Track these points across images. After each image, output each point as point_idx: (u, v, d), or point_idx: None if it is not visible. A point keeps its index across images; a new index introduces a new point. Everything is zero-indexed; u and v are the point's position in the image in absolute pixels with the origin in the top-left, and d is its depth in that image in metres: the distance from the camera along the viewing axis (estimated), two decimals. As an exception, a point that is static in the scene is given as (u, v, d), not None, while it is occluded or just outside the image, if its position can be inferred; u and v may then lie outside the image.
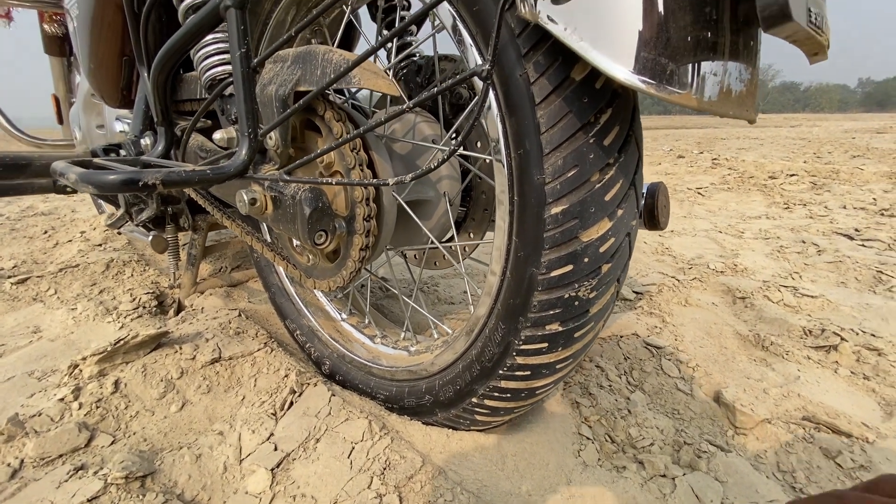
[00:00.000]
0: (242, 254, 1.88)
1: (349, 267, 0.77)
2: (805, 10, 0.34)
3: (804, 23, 0.34)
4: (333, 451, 0.77)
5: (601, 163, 0.53)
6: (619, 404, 0.89)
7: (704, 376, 1.00)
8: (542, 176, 0.53)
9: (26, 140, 1.78)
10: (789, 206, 2.78)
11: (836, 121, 15.88)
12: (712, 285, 1.54)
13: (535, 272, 0.57)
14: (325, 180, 0.57)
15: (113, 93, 1.05)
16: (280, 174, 0.60)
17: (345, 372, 1.01)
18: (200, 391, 1.00)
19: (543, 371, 0.65)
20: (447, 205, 0.88)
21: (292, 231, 0.70)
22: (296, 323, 1.14)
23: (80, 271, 1.71)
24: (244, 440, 0.85)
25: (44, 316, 1.42)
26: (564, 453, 0.78)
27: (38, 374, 1.10)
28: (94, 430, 0.89)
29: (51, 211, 3.18)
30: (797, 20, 0.33)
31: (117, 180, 0.52)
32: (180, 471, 0.79)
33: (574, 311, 0.59)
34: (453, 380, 0.75)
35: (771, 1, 0.33)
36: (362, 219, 0.71)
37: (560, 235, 0.55)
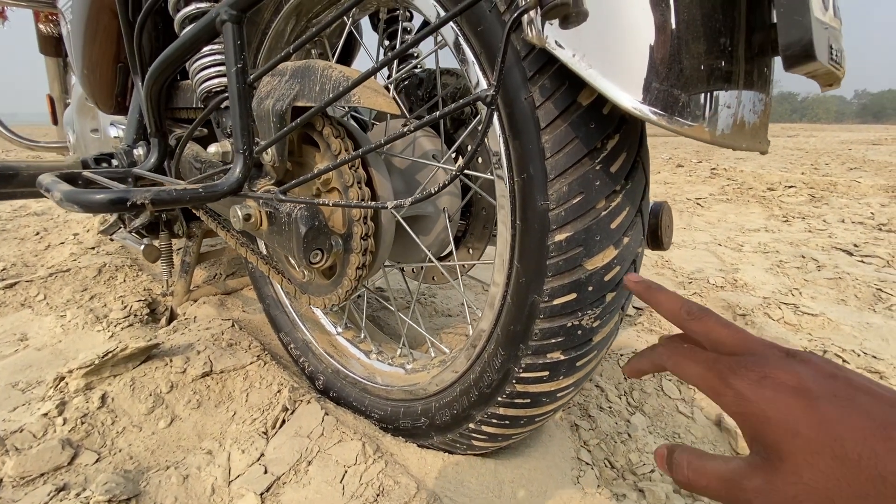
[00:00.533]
0: (237, 261, 1.85)
1: (345, 285, 0.75)
2: (827, 46, 0.33)
3: (826, 60, 0.32)
4: (325, 474, 0.75)
5: (607, 190, 0.51)
6: (619, 427, 0.88)
7: (705, 399, 0.98)
8: (545, 202, 0.52)
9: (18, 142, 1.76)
10: (788, 218, 2.78)
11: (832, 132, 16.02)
12: (712, 301, 1.52)
13: (538, 299, 0.56)
14: (322, 201, 0.55)
15: (107, 99, 1.03)
16: (276, 193, 0.58)
17: (339, 388, 0.99)
18: (190, 406, 0.97)
19: (544, 399, 0.63)
20: (446, 221, 0.87)
21: (287, 249, 0.68)
22: (290, 336, 1.12)
23: (72, 276, 1.67)
24: (233, 460, 0.82)
25: (31, 323, 1.39)
26: (563, 479, 0.76)
27: (21, 386, 1.08)
28: (79, 447, 0.86)
29: (44, 211, 3.14)
30: (820, 59, 0.31)
31: (104, 200, 0.50)
32: (166, 493, 0.77)
33: (577, 340, 0.57)
34: (450, 403, 0.73)
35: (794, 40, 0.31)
36: (360, 237, 0.69)
37: (564, 263, 0.53)
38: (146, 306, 1.45)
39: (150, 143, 0.79)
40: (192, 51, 0.61)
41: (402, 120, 0.91)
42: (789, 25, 0.32)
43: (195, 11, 0.69)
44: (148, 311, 1.44)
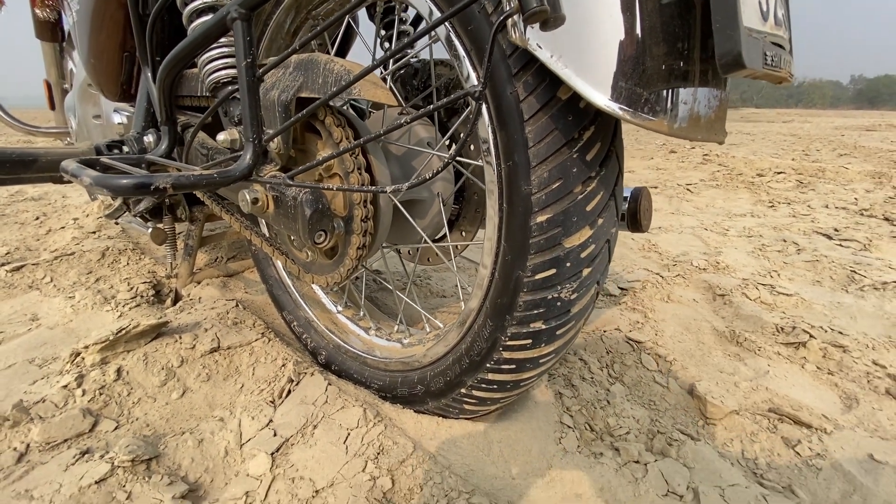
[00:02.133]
0: (238, 244, 1.90)
1: (347, 265, 0.81)
2: (761, 54, 0.39)
3: (759, 66, 0.38)
4: (330, 436, 0.82)
5: (584, 176, 0.57)
6: (599, 395, 0.95)
7: (681, 370, 1.06)
8: (528, 187, 0.58)
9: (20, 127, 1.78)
10: (774, 204, 2.85)
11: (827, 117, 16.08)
12: (694, 282, 1.60)
13: (522, 275, 0.62)
14: (327, 186, 0.61)
15: (113, 87, 1.07)
16: (284, 178, 0.64)
17: (340, 362, 1.06)
18: (200, 379, 1.04)
19: (528, 365, 0.70)
20: (440, 205, 0.92)
21: (293, 230, 0.74)
22: (293, 314, 1.18)
23: (76, 259, 1.72)
24: (244, 426, 0.89)
25: (41, 304, 1.45)
26: (546, 440, 0.83)
27: (38, 362, 1.13)
28: (98, 415, 0.93)
29: (41, 196, 3.15)
30: (751, 66, 0.37)
31: (130, 184, 0.55)
32: (183, 454, 0.84)
33: (556, 311, 0.64)
34: (444, 371, 0.80)
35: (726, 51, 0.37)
36: (360, 220, 0.75)
37: (545, 242, 0.59)
38: (151, 288, 1.50)
39: (161, 131, 0.83)
40: (203, 46, 0.66)
41: (398, 108, 0.96)
42: (722, 38, 0.37)
43: (202, 6, 0.73)
44: (153, 292, 1.50)
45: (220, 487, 0.79)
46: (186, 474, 0.81)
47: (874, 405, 0.96)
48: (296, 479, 0.76)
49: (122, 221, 1.44)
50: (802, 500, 0.73)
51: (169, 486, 0.76)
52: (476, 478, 0.77)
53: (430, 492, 0.71)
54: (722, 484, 0.74)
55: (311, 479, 0.75)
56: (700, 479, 0.75)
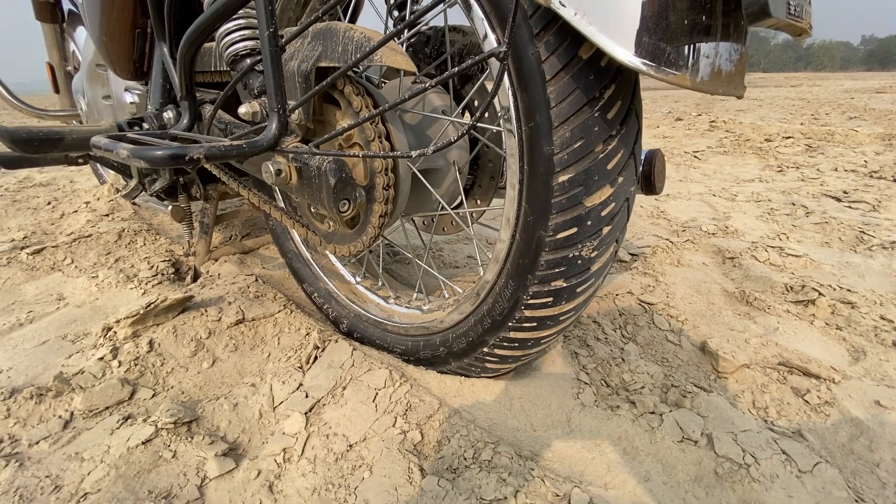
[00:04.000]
0: (252, 222, 1.93)
1: (369, 233, 0.83)
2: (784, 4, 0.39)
3: (783, 15, 0.39)
4: (359, 396, 0.86)
5: (605, 135, 0.59)
6: (613, 354, 0.99)
7: (692, 329, 1.09)
8: (550, 147, 0.59)
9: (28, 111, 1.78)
10: (783, 169, 2.84)
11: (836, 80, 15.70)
12: (704, 246, 1.62)
13: (543, 234, 0.64)
14: (353, 153, 0.62)
15: (125, 65, 1.07)
16: (310, 147, 0.66)
17: (362, 329, 1.09)
18: (228, 349, 1.08)
19: (548, 322, 0.73)
20: (457, 173, 0.94)
21: (317, 200, 0.76)
22: (313, 286, 1.22)
23: (94, 241, 1.75)
24: (275, 390, 0.93)
25: (65, 284, 1.49)
26: (565, 396, 0.87)
27: (71, 338, 1.18)
28: (136, 384, 0.97)
29: (49, 182, 3.17)
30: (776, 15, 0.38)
31: (166, 155, 0.57)
32: (221, 417, 0.88)
33: (577, 269, 0.66)
34: (466, 332, 0.83)
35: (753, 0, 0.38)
36: (381, 188, 0.77)
37: (566, 201, 0.61)
38: (171, 266, 1.54)
39: (181, 107, 0.85)
40: (225, 17, 0.66)
41: (411, 78, 0.97)
42: (749, -14, 0.38)
43: (218, -23, 0.73)
44: (173, 270, 1.54)
45: (257, 446, 0.84)
46: (225, 435, 0.85)
47: (881, 357, 0.99)
48: (330, 436, 0.80)
49: (140, 201, 1.47)
50: (811, 443, 0.77)
51: (211, 445, 0.81)
52: (499, 430, 0.81)
53: (458, 443, 0.76)
54: (734, 430, 0.78)
55: (344, 435, 0.80)
56: (713, 426, 0.79)
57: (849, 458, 0.76)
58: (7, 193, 2.83)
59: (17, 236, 1.90)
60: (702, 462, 0.73)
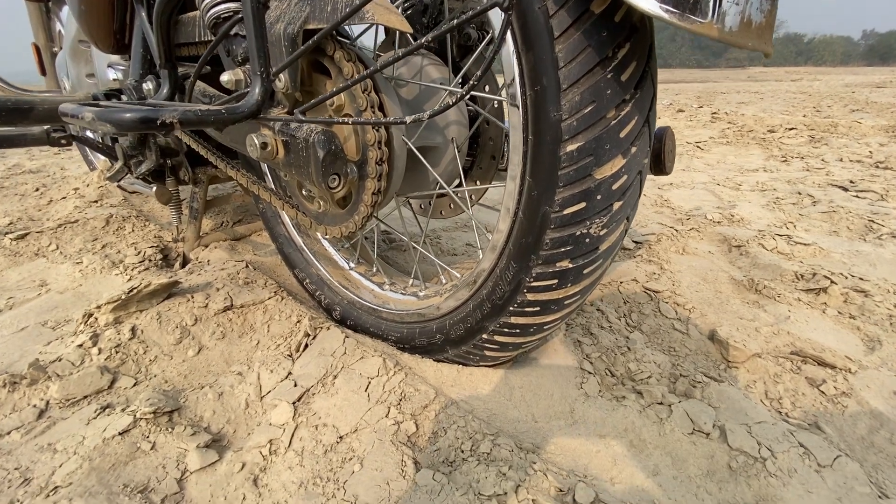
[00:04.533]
0: (244, 208, 1.87)
1: (361, 212, 0.78)
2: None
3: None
4: (351, 385, 0.81)
5: (618, 99, 0.53)
6: (618, 342, 0.94)
7: (700, 317, 1.04)
8: (558, 113, 0.54)
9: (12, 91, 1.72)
10: (787, 159, 2.79)
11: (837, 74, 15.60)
12: (709, 235, 1.57)
13: (549, 210, 0.59)
14: (342, 119, 0.57)
15: (105, 37, 1.01)
16: (296, 115, 0.60)
17: (356, 317, 1.04)
18: (215, 337, 1.03)
19: (552, 307, 0.68)
20: (455, 151, 0.89)
21: (305, 175, 0.71)
22: (305, 272, 1.17)
23: (80, 227, 1.70)
24: (263, 379, 0.89)
25: (48, 270, 1.43)
26: (568, 385, 0.83)
27: (51, 324, 1.13)
28: (116, 373, 0.93)
29: (39, 169, 3.10)
30: None
31: (135, 118, 0.52)
32: (205, 407, 0.84)
33: (584, 248, 0.61)
34: (464, 318, 0.78)
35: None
36: (374, 162, 0.72)
37: (574, 173, 0.56)
38: (159, 252, 1.49)
39: (161, 76, 0.79)
40: (202, -29, 0.61)
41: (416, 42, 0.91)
42: None
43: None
44: (161, 256, 1.48)
45: (243, 437, 0.79)
46: (209, 425, 0.81)
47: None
48: (319, 427, 0.76)
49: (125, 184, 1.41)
50: (829, 436, 0.72)
51: (192, 436, 0.76)
52: (499, 421, 0.77)
53: (455, 435, 0.71)
54: (748, 422, 0.73)
55: (334, 426, 0.75)
56: (726, 417, 0.75)
57: (869, 451, 0.71)
58: (-5, 180, 2.76)
59: (2, 222, 1.84)
60: (714, 455, 0.69)
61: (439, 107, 0.52)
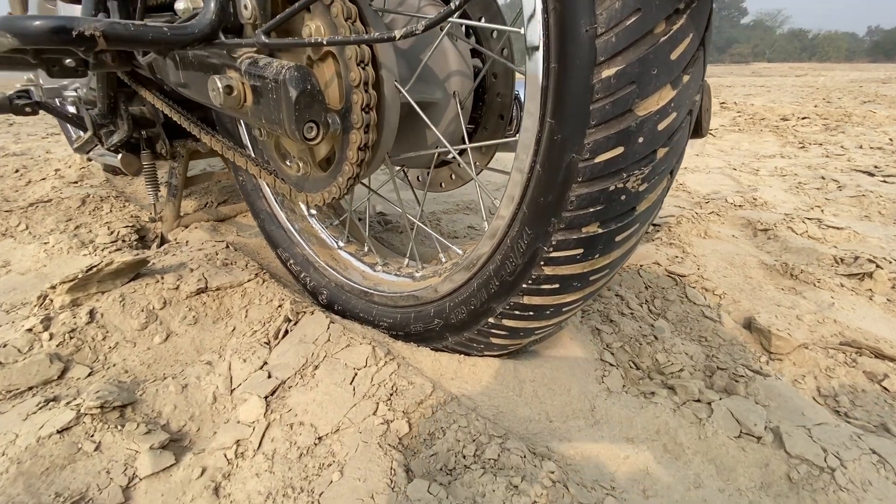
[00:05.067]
0: (230, 188, 1.75)
1: (346, 172, 0.66)
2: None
3: None
4: (334, 377, 0.70)
5: (670, 7, 0.41)
6: (643, 331, 0.82)
7: (732, 304, 0.93)
8: (593, 26, 0.42)
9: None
10: (805, 145, 2.66)
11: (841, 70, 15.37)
12: (731, 218, 1.45)
13: (576, 158, 0.47)
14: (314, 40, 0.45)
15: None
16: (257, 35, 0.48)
17: (344, 301, 0.93)
18: (186, 322, 0.91)
19: (574, 283, 0.56)
20: (458, 107, 0.76)
21: (277, 123, 0.59)
22: (288, 252, 1.05)
23: (54, 206, 1.58)
24: (235, 370, 0.77)
25: (14, 251, 1.32)
26: (587, 379, 0.71)
27: (6, 307, 1.01)
28: (69, 361, 0.81)
29: (23, 152, 2.98)
30: None
31: (45, 27, 0.40)
32: (164, 401, 0.72)
33: (618, 208, 0.49)
34: (467, 300, 0.67)
35: None
36: (360, 108, 0.60)
37: (611, 107, 0.44)
38: (135, 232, 1.37)
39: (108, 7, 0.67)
40: None
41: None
42: None
43: None
44: (137, 237, 1.37)
45: (207, 437, 0.68)
46: (168, 422, 0.69)
47: (960, 338, 0.83)
48: (294, 425, 0.64)
49: (94, 155, 1.29)
50: (903, 441, 0.61)
51: (146, 435, 0.64)
52: (507, 420, 0.65)
53: (455, 436, 0.59)
54: (807, 423, 0.62)
55: (312, 425, 0.63)
56: (779, 417, 0.63)
57: (950, 459, 0.60)
58: (-26, 162, 2.64)
59: (-27, 203, 1.72)
60: (769, 464, 0.57)
61: (435, 18, 0.40)
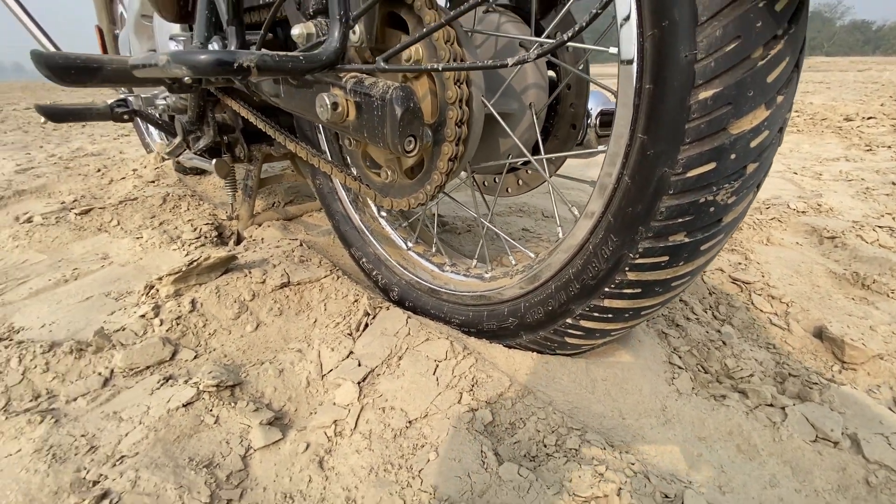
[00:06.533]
0: (295, 188, 1.86)
1: (434, 181, 0.72)
2: None
3: None
4: (418, 368, 0.76)
5: (768, 34, 0.44)
6: (710, 336, 0.84)
7: (801, 312, 0.93)
8: (693, 52, 0.45)
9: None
10: (871, 148, 2.53)
11: (912, 63, 14.27)
12: (794, 225, 1.42)
13: (668, 172, 0.51)
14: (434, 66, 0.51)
15: (170, 6, 0.99)
16: (377, 62, 0.54)
17: (415, 298, 0.99)
18: (273, 313, 1.00)
19: (656, 288, 0.59)
20: (533, 118, 0.81)
21: (379, 137, 0.65)
22: (361, 251, 1.12)
23: (139, 204, 1.73)
24: (324, 357, 0.85)
25: (110, 244, 1.46)
26: (657, 380, 0.74)
27: (114, 295, 1.14)
28: (177, 344, 0.91)
29: (100, 152, 3.24)
30: None
31: (211, 60, 0.47)
32: (265, 383, 0.80)
33: (706, 219, 0.52)
34: (544, 301, 0.71)
35: None
36: (454, 123, 0.65)
37: (706, 126, 0.47)
38: (214, 229, 1.49)
39: (227, 33, 0.75)
40: None
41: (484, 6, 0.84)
42: None
43: None
44: (216, 233, 1.48)
45: (304, 416, 0.75)
46: (270, 402, 0.77)
47: None
48: (386, 409, 0.71)
49: (183, 159, 1.41)
50: None
51: (255, 413, 0.73)
52: (582, 415, 0.69)
53: (535, 427, 0.64)
54: (884, 431, 0.63)
55: (402, 410, 0.70)
56: (855, 424, 0.64)
57: None
58: (61, 161, 2.90)
59: (67, 199, 1.91)
60: (846, 468, 0.59)
61: (549, 45, 0.45)
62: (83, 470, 0.63)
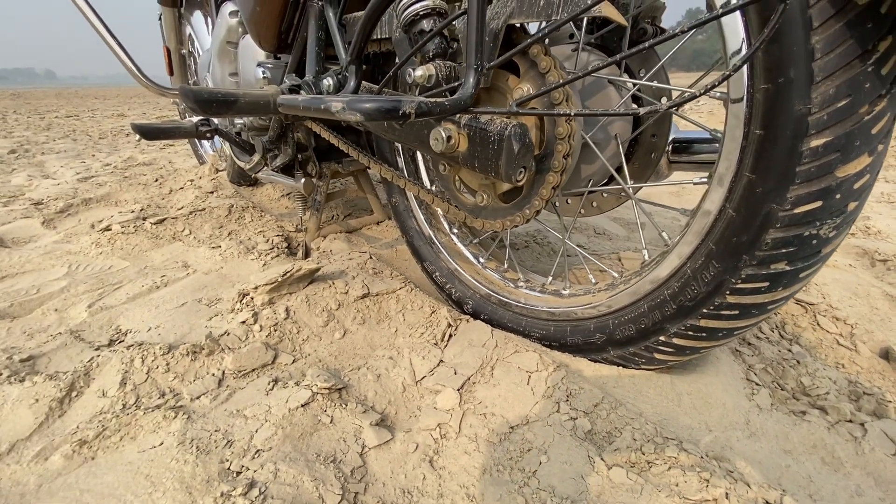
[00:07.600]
0: (353, 203, 1.96)
1: (535, 205, 0.79)
2: None
3: None
4: (511, 378, 0.82)
5: (875, 93, 0.51)
6: (783, 355, 0.89)
7: (865, 333, 0.97)
8: (807, 106, 0.52)
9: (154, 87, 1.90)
10: (911, 169, 2.53)
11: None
12: (843, 247, 1.45)
13: (776, 208, 0.57)
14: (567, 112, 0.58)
15: (271, 37, 1.09)
16: (510, 106, 0.62)
17: (490, 311, 1.06)
18: (356, 322, 1.08)
19: (753, 311, 0.65)
20: (618, 146, 0.88)
21: (491, 168, 0.72)
22: (434, 265, 1.20)
23: (207, 214, 1.84)
24: (415, 365, 0.92)
25: (187, 253, 1.56)
26: (738, 396, 0.79)
27: (206, 302, 1.23)
28: (276, 349, 0.99)
29: (150, 161, 3.41)
30: None
31: (381, 107, 0.55)
32: (366, 387, 0.88)
33: (808, 250, 0.58)
34: (636, 319, 0.77)
35: None
36: (562, 156, 0.72)
37: (816, 170, 0.54)
38: (284, 240, 1.58)
39: (347, 71, 0.84)
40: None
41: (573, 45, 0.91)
42: None
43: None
44: (286, 244, 1.58)
45: (405, 419, 0.82)
46: (374, 405, 0.84)
47: None
48: (487, 415, 0.77)
49: (262, 176, 1.51)
50: None
51: (364, 414, 0.80)
52: (671, 426, 0.75)
53: (632, 436, 0.70)
54: (967, 450, 0.67)
55: (503, 416, 0.76)
56: (937, 443, 0.69)
57: None
58: (117, 171, 3.06)
59: (136, 208, 2.03)
60: (932, 482, 0.63)
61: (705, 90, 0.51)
62: (226, 461, 0.71)
